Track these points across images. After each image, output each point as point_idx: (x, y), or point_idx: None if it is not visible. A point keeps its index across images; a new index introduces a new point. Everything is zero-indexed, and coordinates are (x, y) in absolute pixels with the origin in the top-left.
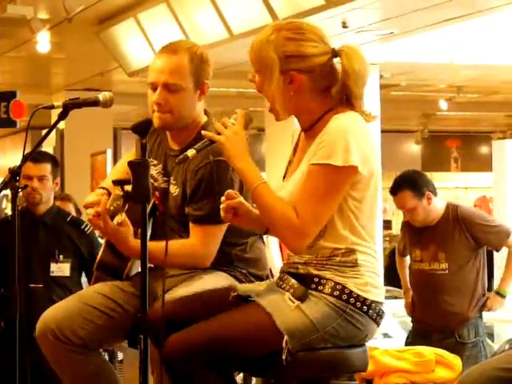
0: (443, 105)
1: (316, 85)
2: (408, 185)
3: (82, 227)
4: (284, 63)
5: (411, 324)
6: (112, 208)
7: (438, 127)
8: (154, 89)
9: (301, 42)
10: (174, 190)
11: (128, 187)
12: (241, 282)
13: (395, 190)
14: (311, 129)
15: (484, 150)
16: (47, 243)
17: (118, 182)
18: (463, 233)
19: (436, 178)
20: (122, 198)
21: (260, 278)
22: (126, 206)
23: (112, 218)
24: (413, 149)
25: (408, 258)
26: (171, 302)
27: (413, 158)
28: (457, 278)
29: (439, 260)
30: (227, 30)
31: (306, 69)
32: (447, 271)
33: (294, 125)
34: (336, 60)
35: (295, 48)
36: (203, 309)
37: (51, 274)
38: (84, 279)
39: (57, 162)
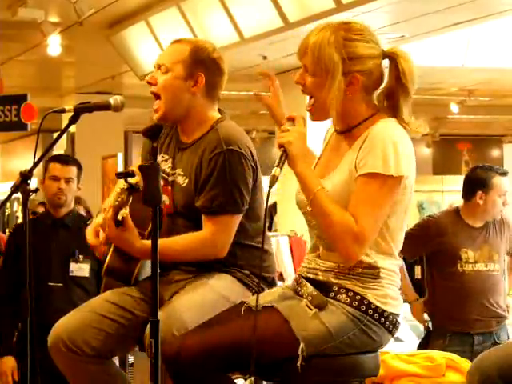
0: (454, 108)
1: (368, 87)
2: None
3: None
4: (346, 65)
5: (422, 328)
6: (117, 203)
7: (449, 130)
8: None
9: (361, 43)
10: (183, 180)
11: (132, 180)
12: (244, 283)
13: (504, 173)
14: (349, 132)
15: (495, 153)
16: (67, 243)
17: (121, 175)
18: (506, 236)
19: (447, 181)
20: (126, 190)
21: (265, 280)
22: (131, 199)
23: (117, 213)
24: (424, 152)
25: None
26: (190, 336)
27: (424, 162)
28: (503, 279)
29: (494, 260)
30: (238, 33)
31: (366, 71)
32: (499, 272)
33: (305, 128)
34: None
35: (356, 49)
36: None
37: (70, 274)
38: None
39: (81, 167)
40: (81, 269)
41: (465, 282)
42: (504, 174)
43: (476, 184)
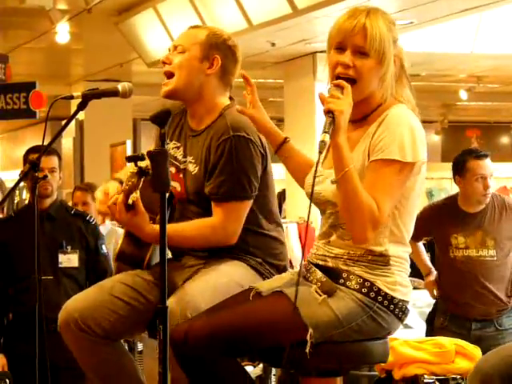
0: (463, 95)
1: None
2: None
3: (87, 218)
4: (394, 46)
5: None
6: (127, 187)
7: (457, 117)
8: None
9: (396, 27)
10: (193, 168)
11: (141, 163)
12: (257, 270)
13: (484, 156)
14: (364, 120)
15: (504, 140)
16: (54, 235)
17: (131, 158)
18: (509, 221)
19: None
20: (136, 174)
21: (276, 268)
22: (141, 182)
23: (127, 197)
24: (433, 139)
25: (421, 244)
26: (197, 319)
27: (433, 149)
28: (503, 265)
29: (488, 247)
30: (246, 19)
31: (396, 55)
32: (495, 258)
33: (314, 115)
34: None
35: (395, 33)
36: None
37: (60, 266)
38: None
39: (61, 157)
40: (70, 259)
41: (456, 267)
42: (482, 156)
43: (454, 169)
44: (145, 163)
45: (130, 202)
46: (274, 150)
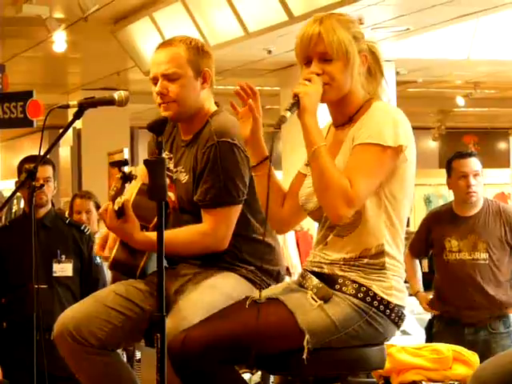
0: (460, 101)
1: (370, 67)
2: (475, 155)
3: (82, 228)
4: (356, 44)
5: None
6: (113, 192)
7: (455, 124)
8: (156, 83)
9: (356, 24)
10: (184, 177)
11: (125, 168)
12: (249, 280)
13: (467, 155)
14: (349, 122)
15: (502, 146)
16: (49, 244)
17: (115, 164)
18: (503, 226)
19: None
20: (120, 179)
21: (270, 274)
22: (125, 187)
23: (114, 202)
24: (430, 145)
25: (417, 263)
26: (194, 328)
27: (430, 155)
28: (496, 268)
29: (480, 250)
30: (242, 27)
31: (366, 51)
32: (488, 261)
33: None
34: None
35: (358, 30)
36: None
37: (54, 275)
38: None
39: (55, 166)
40: (64, 269)
41: (449, 270)
42: (465, 155)
43: (446, 172)
44: (129, 168)
45: (116, 207)
46: (254, 163)
